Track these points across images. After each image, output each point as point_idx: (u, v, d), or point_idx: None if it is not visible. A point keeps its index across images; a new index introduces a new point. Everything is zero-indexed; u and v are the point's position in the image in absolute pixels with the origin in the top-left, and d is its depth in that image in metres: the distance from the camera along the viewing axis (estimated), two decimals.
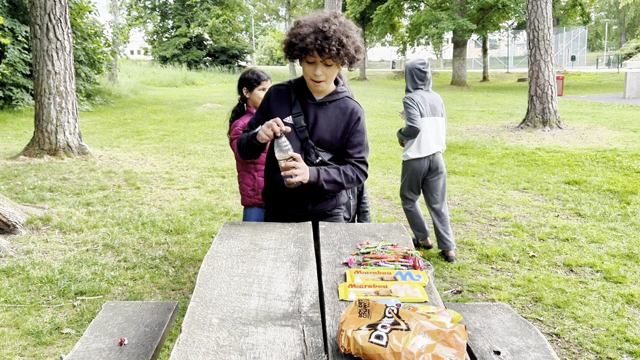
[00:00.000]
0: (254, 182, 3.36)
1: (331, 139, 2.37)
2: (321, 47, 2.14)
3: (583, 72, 33.00)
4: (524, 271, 3.97)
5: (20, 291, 3.59)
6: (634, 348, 2.90)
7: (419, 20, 28.15)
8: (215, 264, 1.93)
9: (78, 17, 14.41)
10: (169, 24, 40.10)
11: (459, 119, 13.52)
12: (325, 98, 2.37)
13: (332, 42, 2.13)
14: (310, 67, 2.24)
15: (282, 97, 2.41)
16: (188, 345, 1.39)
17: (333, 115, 2.36)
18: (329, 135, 2.36)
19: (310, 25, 2.17)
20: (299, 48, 2.18)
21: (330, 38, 2.13)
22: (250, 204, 3.39)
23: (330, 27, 2.15)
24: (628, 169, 7.29)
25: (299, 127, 2.35)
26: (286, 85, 2.43)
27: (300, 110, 2.36)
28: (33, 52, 7.87)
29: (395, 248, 2.04)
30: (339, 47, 2.15)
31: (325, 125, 2.35)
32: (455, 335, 1.29)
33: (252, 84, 3.33)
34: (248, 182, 3.38)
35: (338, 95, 2.39)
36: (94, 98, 16.44)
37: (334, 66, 2.24)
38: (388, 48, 49.15)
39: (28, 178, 6.71)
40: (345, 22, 2.22)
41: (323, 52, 2.15)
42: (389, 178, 7.02)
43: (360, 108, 2.43)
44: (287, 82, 2.44)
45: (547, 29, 11.04)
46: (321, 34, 2.14)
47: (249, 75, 3.36)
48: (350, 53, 2.20)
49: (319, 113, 2.36)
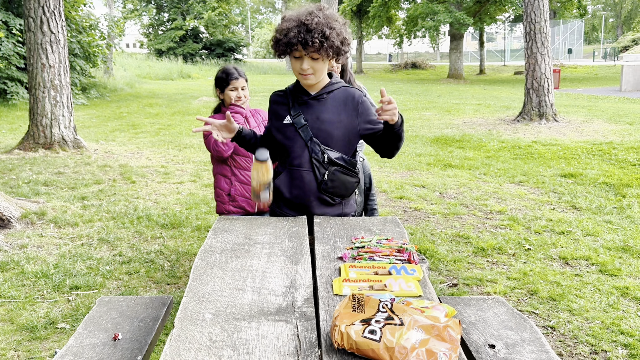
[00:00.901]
0: (229, 187, 3.17)
1: (335, 131, 2.32)
2: (304, 40, 2.14)
3: (579, 65, 33.01)
4: (520, 264, 3.98)
5: (15, 286, 3.58)
6: (629, 340, 2.91)
7: (416, 12, 28.09)
8: (209, 259, 1.92)
9: (73, 10, 14.30)
10: (165, 17, 39.85)
11: (455, 112, 13.51)
12: (321, 91, 2.35)
13: (315, 35, 2.13)
14: (297, 61, 2.24)
15: (281, 101, 2.42)
16: (180, 340, 1.38)
17: (332, 106, 2.34)
18: (333, 127, 2.32)
19: (294, 20, 2.18)
20: (283, 43, 2.19)
21: (313, 31, 2.13)
22: (225, 211, 3.19)
23: (313, 20, 2.14)
24: (624, 161, 7.30)
25: (301, 127, 2.33)
26: (285, 90, 2.43)
27: (298, 111, 2.34)
28: (27, 46, 7.81)
29: (390, 242, 2.03)
30: (322, 40, 2.15)
31: (326, 118, 2.33)
32: (449, 329, 1.28)
33: (222, 85, 3.19)
34: (223, 187, 3.18)
35: (334, 87, 2.37)
36: (89, 91, 16.35)
37: (321, 59, 2.23)
38: (385, 41, 49.01)
39: (23, 172, 6.68)
40: (330, 14, 2.21)
41: (307, 46, 2.15)
42: (384, 172, 7.02)
43: (359, 92, 2.38)
44: (286, 88, 2.45)
45: (543, 21, 11.01)
46: (304, 27, 2.14)
47: (220, 74, 3.21)
48: (334, 45, 2.19)
49: (318, 107, 2.34)
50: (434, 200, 5.67)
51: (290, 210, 2.42)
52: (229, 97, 3.18)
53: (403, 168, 7.21)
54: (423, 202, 5.61)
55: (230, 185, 3.17)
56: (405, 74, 34.10)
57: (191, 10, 37.74)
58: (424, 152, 8.25)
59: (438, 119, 12.43)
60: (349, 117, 2.33)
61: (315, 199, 2.36)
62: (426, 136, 9.81)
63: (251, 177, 2.27)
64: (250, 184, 3.21)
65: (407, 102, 16.20)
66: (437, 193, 5.97)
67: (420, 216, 5.18)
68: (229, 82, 3.16)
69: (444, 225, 4.90)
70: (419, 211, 5.33)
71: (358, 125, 2.35)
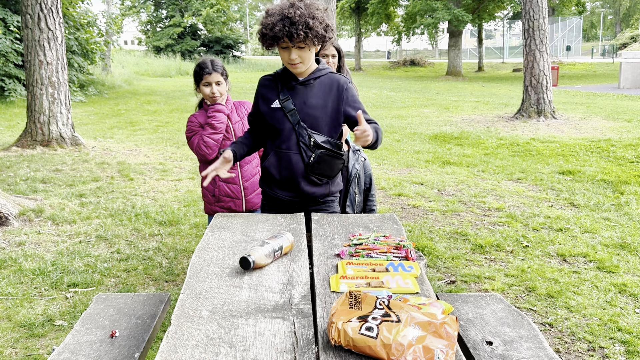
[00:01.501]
0: (214, 187, 3.11)
1: (322, 115, 2.41)
2: (289, 33, 2.21)
3: (578, 62, 33.00)
4: (518, 261, 3.98)
5: (13, 283, 3.58)
6: (626, 337, 2.91)
7: (415, 10, 28.07)
8: (206, 256, 1.91)
9: (70, 7, 14.26)
10: (163, 14, 39.74)
11: (454, 109, 13.51)
12: (309, 76, 2.42)
13: (299, 27, 2.21)
14: (285, 52, 2.32)
15: (269, 85, 2.49)
16: (177, 338, 1.38)
17: (319, 91, 2.42)
18: (319, 112, 2.41)
19: (278, 14, 2.25)
20: (269, 37, 2.27)
21: (297, 23, 2.21)
22: (211, 212, 3.15)
23: (296, 12, 2.21)
24: (622, 159, 7.30)
25: (289, 111, 2.40)
26: (273, 74, 2.51)
27: (287, 95, 2.42)
28: (24, 42, 7.78)
29: (388, 239, 2.03)
30: (307, 30, 2.22)
31: (313, 103, 2.40)
32: (446, 326, 1.28)
33: (197, 79, 3.03)
34: (208, 187, 3.11)
35: (321, 72, 2.44)
36: (87, 89, 16.31)
37: (307, 48, 2.30)
38: (383, 38, 48.95)
39: (20, 169, 6.66)
40: (310, 4, 2.28)
41: (292, 38, 2.23)
42: (383, 168, 7.02)
43: (345, 79, 2.46)
44: (274, 72, 2.52)
45: (542, 18, 11.01)
46: (287, 20, 2.21)
47: (195, 68, 3.02)
48: (319, 33, 2.26)
49: (305, 92, 2.41)
50: (432, 198, 5.67)
51: (280, 190, 2.50)
52: (203, 92, 3.04)
53: (401, 165, 7.21)
54: (421, 199, 5.61)
55: (214, 186, 3.11)
56: (403, 71, 34.09)
57: (189, 7, 37.65)
58: (423, 150, 8.25)
59: (436, 116, 12.42)
60: (335, 102, 2.42)
61: (304, 179, 2.45)
62: (424, 133, 9.80)
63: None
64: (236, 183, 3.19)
65: (405, 100, 16.19)
66: (435, 190, 5.97)
67: (418, 213, 5.18)
68: (202, 76, 3.00)
69: (442, 222, 4.90)
70: (417, 208, 5.33)
71: (343, 110, 2.43)
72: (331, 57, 3.43)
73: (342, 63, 3.49)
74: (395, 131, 10.04)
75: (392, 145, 8.61)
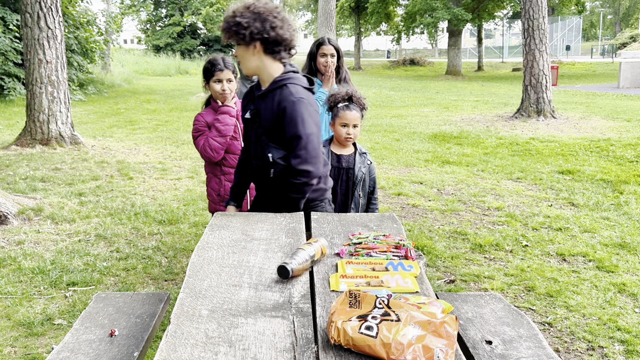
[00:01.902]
0: (219, 187, 3.12)
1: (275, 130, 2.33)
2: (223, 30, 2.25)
3: (577, 62, 32.98)
4: (517, 260, 3.98)
5: (12, 282, 3.57)
6: (626, 337, 2.91)
7: (414, 9, 28.06)
8: (205, 255, 1.91)
9: (70, 6, 14.25)
10: (162, 13, 39.71)
11: (453, 109, 13.50)
12: (267, 88, 2.35)
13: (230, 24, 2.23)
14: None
15: (247, 96, 2.48)
16: (177, 336, 1.38)
17: (269, 107, 2.34)
18: (271, 128, 2.34)
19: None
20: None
21: (228, 21, 2.24)
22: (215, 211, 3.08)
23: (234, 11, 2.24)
24: (621, 158, 7.30)
25: (254, 124, 2.39)
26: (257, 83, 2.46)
27: (253, 107, 2.40)
28: (24, 41, 7.77)
29: (387, 238, 2.03)
30: (236, 28, 2.22)
31: (266, 117, 2.35)
32: (446, 325, 1.28)
33: (207, 76, 3.02)
34: (214, 187, 3.13)
35: (276, 85, 2.32)
36: (87, 87, 16.29)
37: (243, 46, 2.27)
38: (383, 37, 48.91)
39: (20, 168, 6.66)
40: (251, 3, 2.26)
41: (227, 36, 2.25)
42: (383, 168, 7.02)
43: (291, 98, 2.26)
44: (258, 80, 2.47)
45: (541, 18, 11.00)
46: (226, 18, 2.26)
47: (206, 64, 3.02)
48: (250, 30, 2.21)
49: (263, 105, 2.36)
50: (431, 197, 5.67)
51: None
52: (213, 90, 3.03)
53: (401, 164, 7.21)
54: (421, 199, 5.61)
55: (220, 185, 3.11)
56: (403, 70, 34.08)
57: (189, 6, 37.63)
58: (422, 149, 8.25)
59: (436, 115, 12.42)
60: (274, 123, 2.32)
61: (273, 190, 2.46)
62: (424, 133, 9.80)
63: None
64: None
65: (405, 99, 16.19)
66: (434, 189, 5.97)
67: (417, 212, 5.18)
68: (213, 73, 2.99)
69: (442, 221, 4.90)
70: (417, 208, 5.33)
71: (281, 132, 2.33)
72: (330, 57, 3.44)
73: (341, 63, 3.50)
74: (394, 130, 10.04)
75: (392, 144, 8.61)
